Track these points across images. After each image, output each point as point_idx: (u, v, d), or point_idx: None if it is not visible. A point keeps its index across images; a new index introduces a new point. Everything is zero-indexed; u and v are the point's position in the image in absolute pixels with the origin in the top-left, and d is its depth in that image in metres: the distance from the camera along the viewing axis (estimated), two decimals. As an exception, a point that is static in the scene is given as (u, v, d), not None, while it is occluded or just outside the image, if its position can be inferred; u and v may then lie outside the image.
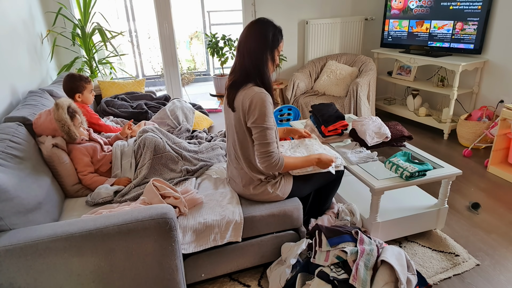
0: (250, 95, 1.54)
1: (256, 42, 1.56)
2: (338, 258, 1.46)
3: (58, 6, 3.24)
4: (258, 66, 1.57)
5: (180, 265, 1.41)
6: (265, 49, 1.57)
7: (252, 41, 1.56)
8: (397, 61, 4.00)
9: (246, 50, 1.57)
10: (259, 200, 1.77)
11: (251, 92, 1.54)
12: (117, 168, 1.96)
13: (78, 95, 2.31)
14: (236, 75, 1.61)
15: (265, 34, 1.56)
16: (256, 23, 1.59)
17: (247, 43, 1.57)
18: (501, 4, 3.13)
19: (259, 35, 1.57)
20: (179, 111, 2.58)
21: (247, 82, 1.58)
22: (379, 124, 2.20)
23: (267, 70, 1.60)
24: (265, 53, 1.57)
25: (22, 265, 1.21)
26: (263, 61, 1.57)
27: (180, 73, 4.18)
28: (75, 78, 2.30)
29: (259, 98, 1.53)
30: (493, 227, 2.17)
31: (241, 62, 1.59)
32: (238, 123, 1.62)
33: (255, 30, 1.58)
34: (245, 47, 1.57)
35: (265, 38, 1.56)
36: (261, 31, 1.57)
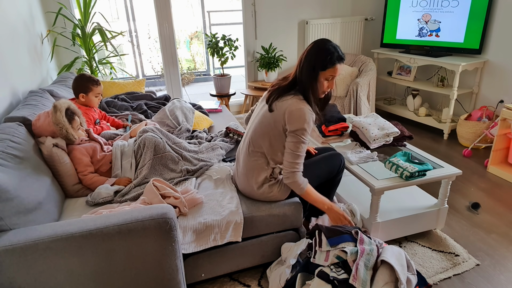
0: (300, 105, 1.59)
1: (306, 59, 1.62)
2: (338, 258, 1.46)
3: (58, 6, 3.24)
4: (305, 86, 1.62)
5: (180, 265, 1.41)
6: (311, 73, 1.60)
7: (305, 57, 1.63)
8: (397, 61, 4.00)
9: (301, 62, 1.64)
10: (259, 199, 1.77)
11: (298, 104, 1.59)
12: (117, 168, 1.96)
13: (82, 95, 2.32)
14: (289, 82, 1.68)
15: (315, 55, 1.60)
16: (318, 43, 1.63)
17: (301, 58, 1.65)
18: (501, 4, 3.13)
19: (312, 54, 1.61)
20: (179, 111, 2.58)
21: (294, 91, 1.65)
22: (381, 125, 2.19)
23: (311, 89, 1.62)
24: (311, 75, 1.61)
25: (22, 265, 1.21)
26: (309, 82, 1.61)
27: (180, 73, 4.18)
28: (84, 78, 2.32)
29: (308, 112, 1.58)
30: (493, 227, 2.17)
31: (296, 73, 1.66)
32: (275, 123, 1.65)
33: (313, 48, 1.62)
34: (299, 60, 1.65)
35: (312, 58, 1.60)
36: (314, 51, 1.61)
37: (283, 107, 1.62)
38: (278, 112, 1.63)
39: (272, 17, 3.93)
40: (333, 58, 1.59)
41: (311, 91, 1.62)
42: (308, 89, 1.62)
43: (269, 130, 1.67)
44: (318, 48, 1.61)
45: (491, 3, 3.09)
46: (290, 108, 1.59)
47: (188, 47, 6.65)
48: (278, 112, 1.63)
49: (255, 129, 1.73)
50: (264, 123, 1.68)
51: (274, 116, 1.65)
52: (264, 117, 1.70)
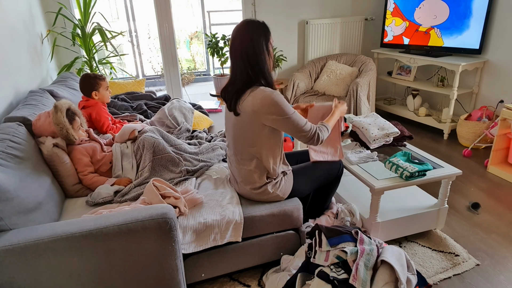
0: (259, 96, 1.54)
1: (252, 46, 1.54)
2: (338, 258, 1.46)
3: (58, 6, 3.24)
4: (260, 69, 1.57)
5: (180, 265, 1.41)
6: (261, 50, 1.56)
7: (247, 46, 1.54)
8: (397, 61, 4.00)
9: (241, 56, 1.55)
10: (259, 200, 1.77)
11: (259, 93, 1.54)
12: (118, 169, 1.96)
13: (95, 92, 2.37)
14: (237, 84, 1.60)
15: (257, 35, 1.55)
16: (244, 27, 1.56)
17: (242, 49, 1.54)
18: (501, 4, 3.13)
19: (251, 38, 1.54)
20: (178, 111, 2.58)
21: (250, 86, 1.58)
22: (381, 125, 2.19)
23: (268, 68, 1.60)
24: (262, 54, 1.56)
25: (22, 265, 1.21)
26: (263, 63, 1.57)
27: (180, 73, 4.18)
28: (89, 76, 2.37)
29: (270, 97, 1.53)
30: (493, 227, 2.17)
31: (240, 69, 1.57)
32: (249, 124, 1.60)
33: (246, 34, 1.55)
34: (241, 53, 1.54)
35: (258, 39, 1.55)
36: (252, 33, 1.54)
37: (248, 107, 1.56)
38: (247, 113, 1.58)
39: (272, 17, 3.93)
40: (266, 25, 1.58)
41: (267, 72, 1.59)
42: (267, 72, 1.58)
43: (247, 132, 1.63)
44: (250, 29, 1.55)
45: (491, 3, 3.09)
46: (254, 102, 1.54)
47: (188, 47, 6.65)
48: (246, 113, 1.58)
49: (235, 138, 1.70)
50: (239, 129, 1.65)
51: (244, 119, 1.60)
52: (235, 125, 1.66)
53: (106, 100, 2.44)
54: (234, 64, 1.59)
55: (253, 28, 1.55)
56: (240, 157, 1.72)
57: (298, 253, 1.77)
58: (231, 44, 1.58)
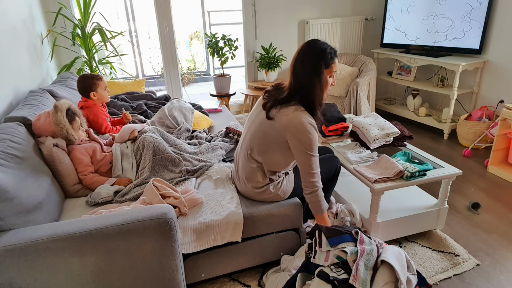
0: (298, 120, 1.52)
1: (304, 66, 1.56)
2: (338, 258, 1.46)
3: (58, 6, 3.24)
4: (306, 96, 1.57)
5: (180, 265, 1.41)
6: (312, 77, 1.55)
7: (301, 64, 1.56)
8: (397, 61, 4.00)
9: (295, 72, 1.57)
10: (259, 199, 1.77)
11: (300, 117, 1.53)
12: (118, 169, 1.95)
13: (93, 93, 2.35)
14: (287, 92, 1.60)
15: (312, 58, 1.55)
16: (308, 46, 1.57)
17: (296, 66, 1.57)
18: (501, 4, 3.13)
19: (307, 58, 1.56)
20: (177, 111, 2.58)
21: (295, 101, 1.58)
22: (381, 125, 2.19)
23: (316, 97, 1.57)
24: (312, 80, 1.55)
25: (22, 265, 1.21)
26: (311, 90, 1.56)
27: (180, 73, 4.18)
28: (86, 77, 2.35)
29: (309, 124, 1.53)
30: (493, 227, 2.17)
31: (292, 85, 1.59)
32: (275, 135, 1.60)
33: (305, 53, 1.57)
34: (295, 69, 1.57)
35: (312, 62, 1.55)
36: (310, 55, 1.56)
37: (284, 121, 1.55)
38: (279, 125, 1.57)
39: (272, 17, 3.93)
40: (332, 53, 1.58)
41: (315, 97, 1.57)
42: (311, 96, 1.57)
43: (269, 139, 1.62)
44: (314, 49, 1.56)
45: (491, 3, 3.09)
46: (292, 123, 1.53)
47: (188, 47, 6.65)
48: (278, 124, 1.57)
49: (253, 135, 1.69)
50: (262, 131, 1.64)
51: (274, 127, 1.59)
52: (261, 125, 1.65)
53: (105, 100, 2.43)
54: (290, 78, 1.61)
55: (310, 52, 1.56)
56: (250, 153, 1.71)
57: (298, 253, 1.77)
58: (293, 58, 1.60)
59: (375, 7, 4.23)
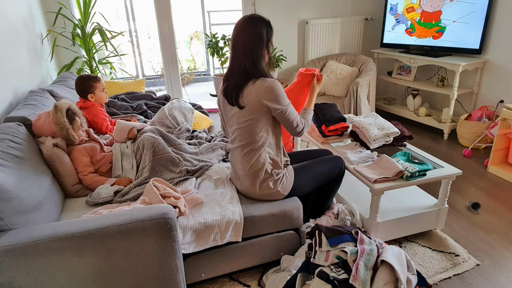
0: (262, 85, 1.60)
1: (253, 41, 1.60)
2: (338, 258, 1.46)
3: (58, 6, 3.24)
4: (256, 64, 1.62)
5: (180, 265, 1.41)
6: (262, 46, 1.62)
7: (248, 41, 1.60)
8: (397, 61, 4.00)
9: (242, 48, 1.60)
10: (259, 197, 1.77)
11: (262, 83, 1.60)
12: (118, 169, 1.96)
13: (91, 95, 2.34)
14: (236, 77, 1.65)
15: (259, 31, 1.61)
16: (248, 22, 1.61)
17: (243, 43, 1.60)
18: (501, 4, 3.13)
19: (254, 33, 1.60)
20: (177, 111, 2.58)
21: (248, 79, 1.63)
22: (381, 125, 2.19)
23: (264, 64, 1.67)
24: (262, 50, 1.63)
25: (22, 265, 1.21)
26: (260, 58, 1.63)
27: (180, 73, 4.18)
28: (84, 79, 2.33)
29: (271, 84, 1.60)
30: (493, 227, 2.17)
31: (239, 60, 1.62)
32: (256, 113, 1.64)
33: (249, 28, 1.61)
34: (242, 45, 1.60)
35: (260, 35, 1.61)
36: (255, 29, 1.60)
37: (253, 97, 1.61)
38: (252, 103, 1.62)
39: (272, 17, 3.92)
40: (270, 24, 1.65)
41: (264, 66, 1.65)
42: (263, 68, 1.64)
43: (254, 122, 1.66)
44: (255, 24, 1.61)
45: (491, 3, 3.09)
46: (259, 92, 1.59)
47: (188, 47, 6.65)
48: (251, 104, 1.62)
49: (240, 130, 1.70)
50: (245, 120, 1.67)
51: (250, 109, 1.63)
52: (240, 117, 1.68)
53: (104, 101, 2.42)
54: (234, 57, 1.64)
55: (257, 22, 1.61)
56: (246, 148, 1.71)
57: (298, 253, 1.77)
58: (233, 36, 1.63)
59: (375, 7, 4.23)
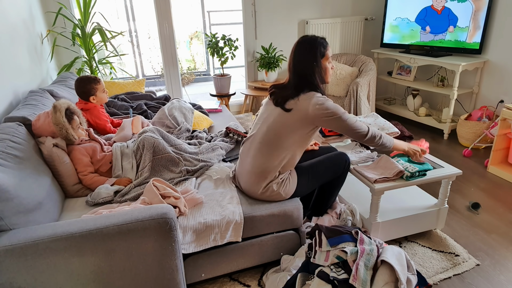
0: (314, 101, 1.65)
1: (304, 64, 1.69)
2: (338, 258, 1.46)
3: (58, 6, 3.24)
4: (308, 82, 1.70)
5: (180, 265, 1.41)
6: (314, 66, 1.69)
7: (298, 60, 1.71)
8: (397, 61, 4.00)
9: (296, 71, 1.71)
10: (260, 197, 1.77)
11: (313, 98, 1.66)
12: (118, 169, 1.95)
13: (93, 97, 2.34)
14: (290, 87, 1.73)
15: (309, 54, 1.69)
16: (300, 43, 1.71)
17: (295, 63, 1.71)
18: (501, 4, 3.13)
19: (303, 53, 1.70)
20: (178, 111, 2.58)
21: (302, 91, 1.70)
22: (381, 125, 2.19)
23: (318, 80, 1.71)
24: (315, 68, 1.69)
25: (22, 265, 1.21)
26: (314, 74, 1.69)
27: (180, 73, 4.18)
28: (84, 81, 2.32)
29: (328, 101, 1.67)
30: (493, 227, 2.17)
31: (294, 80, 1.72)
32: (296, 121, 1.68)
33: (300, 48, 1.71)
34: (295, 69, 1.71)
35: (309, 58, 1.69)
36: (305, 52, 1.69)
37: (304, 106, 1.66)
38: (300, 112, 1.67)
39: (272, 17, 3.93)
40: (323, 41, 1.72)
41: (319, 81, 1.71)
42: (317, 82, 1.70)
43: (289, 127, 1.70)
44: (306, 42, 1.70)
45: (491, 3, 3.09)
46: (312, 107, 1.65)
47: (188, 47, 6.65)
48: (300, 111, 1.67)
49: (268, 128, 1.73)
50: (280, 122, 1.70)
51: (294, 115, 1.68)
52: (276, 118, 1.72)
53: (104, 101, 2.42)
54: (290, 76, 1.76)
55: (303, 46, 1.70)
56: (266, 147, 1.73)
57: (298, 253, 1.77)
58: (289, 58, 1.76)
59: (375, 7, 4.23)
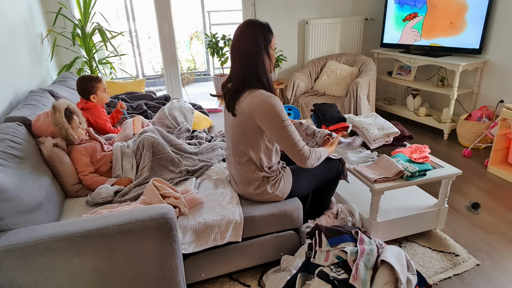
0: (257, 99, 1.52)
1: (249, 47, 1.54)
2: (338, 258, 1.46)
3: (58, 6, 3.24)
4: (255, 72, 1.56)
5: (180, 265, 1.41)
6: (259, 51, 1.55)
7: (244, 46, 1.54)
8: (397, 61, 4.00)
9: (239, 56, 1.55)
10: (259, 200, 1.77)
11: (258, 96, 1.53)
12: (118, 169, 1.95)
13: (93, 96, 2.33)
14: (235, 83, 1.60)
15: (255, 37, 1.54)
16: (245, 27, 1.56)
17: (240, 49, 1.55)
18: (501, 4, 3.13)
19: (250, 39, 1.54)
20: (178, 111, 2.58)
21: (247, 87, 1.57)
22: (381, 125, 2.19)
23: (265, 70, 1.58)
24: (259, 55, 1.55)
25: (22, 265, 1.21)
26: (258, 64, 1.56)
27: (180, 73, 4.18)
28: (86, 80, 2.32)
29: (267, 101, 1.52)
30: (493, 227, 2.17)
31: (237, 69, 1.58)
32: (247, 125, 1.59)
33: (245, 34, 1.55)
34: (238, 53, 1.55)
35: (256, 40, 1.54)
36: (251, 35, 1.54)
37: (245, 107, 1.55)
38: (244, 113, 1.57)
39: (272, 17, 3.93)
40: (268, 27, 1.58)
41: (262, 74, 1.57)
42: (262, 75, 1.56)
43: (244, 134, 1.62)
44: (250, 30, 1.55)
45: (491, 3, 3.09)
46: (251, 105, 1.53)
47: (188, 47, 6.65)
48: (244, 113, 1.57)
49: (233, 138, 1.69)
50: (237, 129, 1.64)
51: (242, 119, 1.59)
52: (233, 125, 1.66)
53: (105, 101, 2.42)
54: (233, 63, 1.60)
55: (253, 28, 1.55)
56: (238, 159, 1.71)
57: (298, 253, 1.77)
58: (231, 43, 1.59)
59: (375, 7, 4.23)
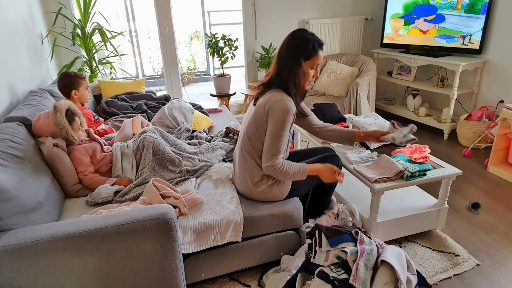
0: (273, 99, 1.58)
1: (286, 54, 1.60)
2: (338, 258, 1.46)
3: (58, 6, 3.24)
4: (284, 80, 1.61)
5: (180, 265, 1.41)
6: (293, 65, 1.59)
7: (283, 54, 1.61)
8: (397, 61, 4.00)
9: (277, 61, 1.63)
10: (258, 199, 1.77)
11: (275, 97, 1.58)
12: (118, 169, 1.95)
13: (74, 92, 2.30)
14: (269, 80, 1.67)
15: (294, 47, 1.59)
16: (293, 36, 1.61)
17: (280, 55, 1.62)
18: (501, 4, 3.13)
19: (290, 47, 1.60)
20: (178, 111, 2.58)
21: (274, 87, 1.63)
22: (381, 125, 2.19)
23: (295, 83, 1.62)
24: (293, 68, 1.59)
25: (22, 265, 1.21)
26: (289, 76, 1.60)
27: (180, 73, 4.18)
28: (69, 74, 2.29)
29: (288, 102, 1.57)
30: (493, 227, 2.17)
31: (274, 70, 1.65)
32: (259, 118, 1.64)
33: (289, 41, 1.61)
34: (278, 58, 1.63)
35: (293, 54, 1.59)
36: (292, 44, 1.60)
37: (263, 102, 1.62)
38: (259, 107, 1.63)
39: (272, 17, 3.93)
40: (315, 46, 1.60)
41: (292, 83, 1.61)
42: (289, 82, 1.61)
43: (254, 124, 1.66)
44: (297, 39, 1.59)
45: (491, 3, 3.09)
46: (269, 101, 1.59)
47: (188, 47, 6.65)
48: (259, 107, 1.64)
49: (246, 129, 1.73)
50: (251, 119, 1.69)
51: (257, 111, 1.64)
52: (250, 114, 1.71)
53: (85, 100, 2.37)
54: (273, 63, 1.66)
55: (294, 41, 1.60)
56: (244, 150, 1.73)
57: (298, 253, 1.77)
58: (278, 49, 1.67)
59: (375, 7, 4.23)
